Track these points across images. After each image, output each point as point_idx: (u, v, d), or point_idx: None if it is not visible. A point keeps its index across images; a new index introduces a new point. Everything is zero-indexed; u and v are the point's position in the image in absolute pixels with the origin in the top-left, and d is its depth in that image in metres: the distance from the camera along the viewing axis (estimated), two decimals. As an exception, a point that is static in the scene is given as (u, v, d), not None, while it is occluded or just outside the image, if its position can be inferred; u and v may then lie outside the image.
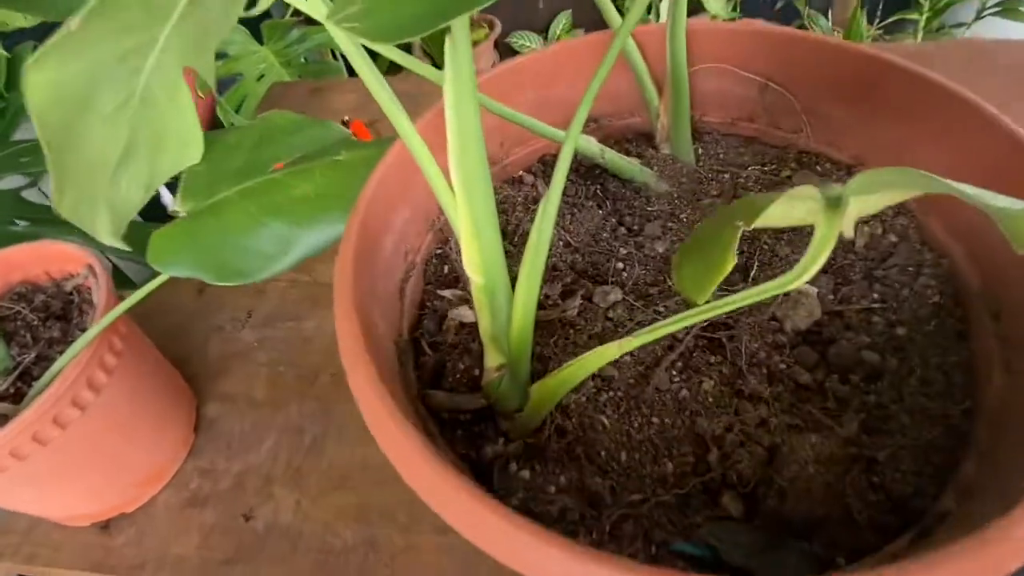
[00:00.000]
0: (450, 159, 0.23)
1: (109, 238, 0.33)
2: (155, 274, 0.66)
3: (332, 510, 0.47)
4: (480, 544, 0.19)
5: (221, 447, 0.52)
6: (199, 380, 0.56)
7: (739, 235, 0.17)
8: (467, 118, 0.22)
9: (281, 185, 0.34)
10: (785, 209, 0.16)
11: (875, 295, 0.29)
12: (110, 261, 0.74)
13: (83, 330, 0.43)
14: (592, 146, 0.34)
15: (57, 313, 0.46)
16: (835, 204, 0.16)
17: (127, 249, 0.34)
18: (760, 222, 0.16)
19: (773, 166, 0.35)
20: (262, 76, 1.20)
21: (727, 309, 0.19)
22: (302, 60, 1.30)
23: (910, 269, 0.30)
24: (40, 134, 0.29)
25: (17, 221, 0.62)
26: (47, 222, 0.62)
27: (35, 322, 0.45)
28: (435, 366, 0.30)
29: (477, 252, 0.26)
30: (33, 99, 0.27)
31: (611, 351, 0.22)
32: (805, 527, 0.23)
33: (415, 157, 0.24)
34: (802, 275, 0.17)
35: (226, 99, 1.18)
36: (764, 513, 0.23)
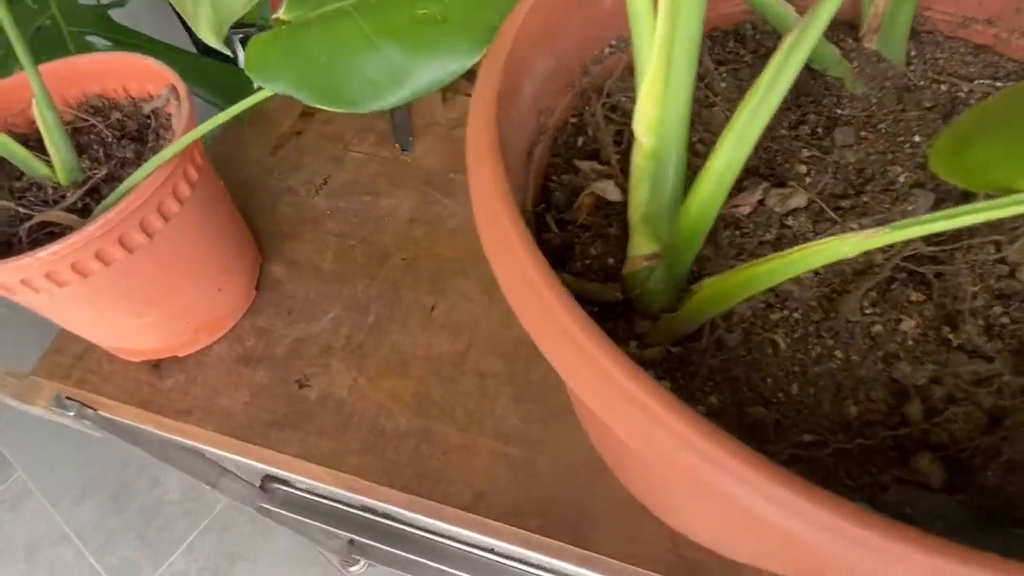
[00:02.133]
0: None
1: (210, 34, 0.29)
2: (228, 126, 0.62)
3: (389, 393, 0.44)
4: (617, 424, 0.15)
5: (282, 310, 0.49)
6: (266, 239, 0.53)
7: None
8: None
9: (402, 2, 0.28)
10: None
11: None
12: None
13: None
14: (790, 16, 0.28)
15: (132, 134, 0.43)
16: None
17: (228, 53, 0.30)
18: None
19: (1010, 83, 0.28)
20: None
21: None
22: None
23: None
24: None
25: (97, 39, 0.58)
26: (131, 46, 0.58)
27: (109, 139, 0.42)
28: (560, 247, 0.25)
29: (660, 104, 0.20)
30: None
31: (846, 246, 0.16)
32: (1031, 517, 0.18)
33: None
34: None
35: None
36: (977, 487, 0.18)
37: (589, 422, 0.28)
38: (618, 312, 0.23)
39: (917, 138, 0.27)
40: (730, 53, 0.31)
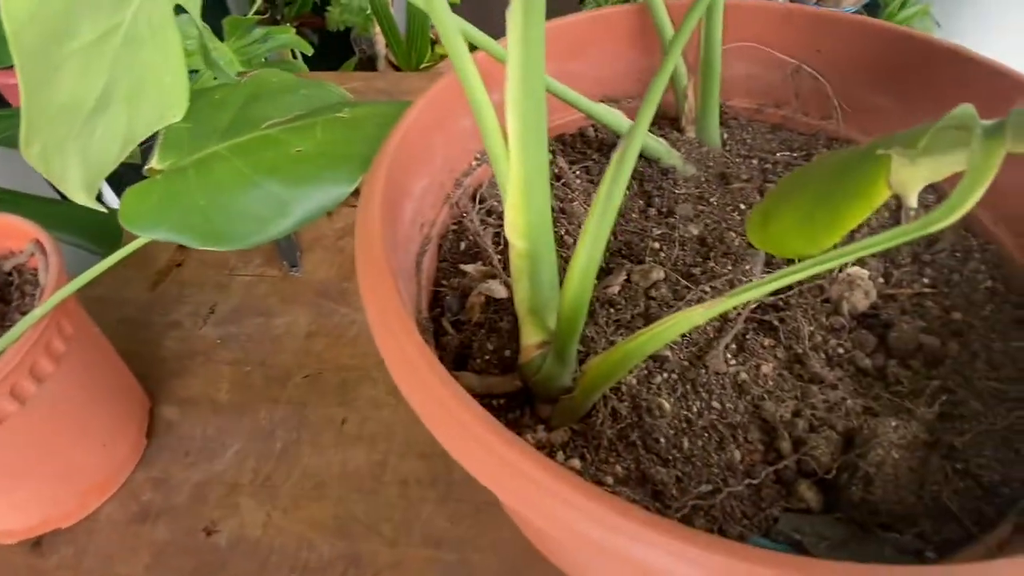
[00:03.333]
0: (508, 100, 0.20)
1: (81, 193, 0.29)
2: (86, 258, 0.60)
3: (308, 522, 0.42)
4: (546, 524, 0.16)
5: (178, 454, 0.46)
6: (153, 381, 0.50)
7: (889, 166, 0.14)
8: (534, 46, 0.19)
9: (277, 142, 0.30)
10: (939, 139, 0.14)
11: (926, 280, 0.28)
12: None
13: (24, 313, 0.38)
14: (622, 122, 0.32)
15: (-8, 294, 0.40)
16: (996, 134, 0.14)
17: (102, 209, 0.30)
18: (920, 155, 0.14)
19: (803, 152, 0.34)
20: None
21: (833, 263, 0.16)
22: (263, 60, 1.24)
23: (957, 254, 0.29)
24: (15, 60, 0.24)
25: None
26: (-21, 200, 0.55)
27: (-35, 304, 0.39)
28: (459, 347, 0.27)
29: (524, 213, 0.23)
30: (9, 11, 0.23)
31: (696, 315, 0.19)
32: (892, 518, 0.20)
33: (469, 94, 0.21)
34: (955, 210, 0.14)
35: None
36: (847, 503, 0.21)
37: (511, 512, 0.28)
38: (522, 400, 0.25)
39: (742, 206, 0.32)
40: (579, 153, 0.36)
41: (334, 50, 1.33)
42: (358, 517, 0.42)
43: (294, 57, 1.43)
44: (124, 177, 0.42)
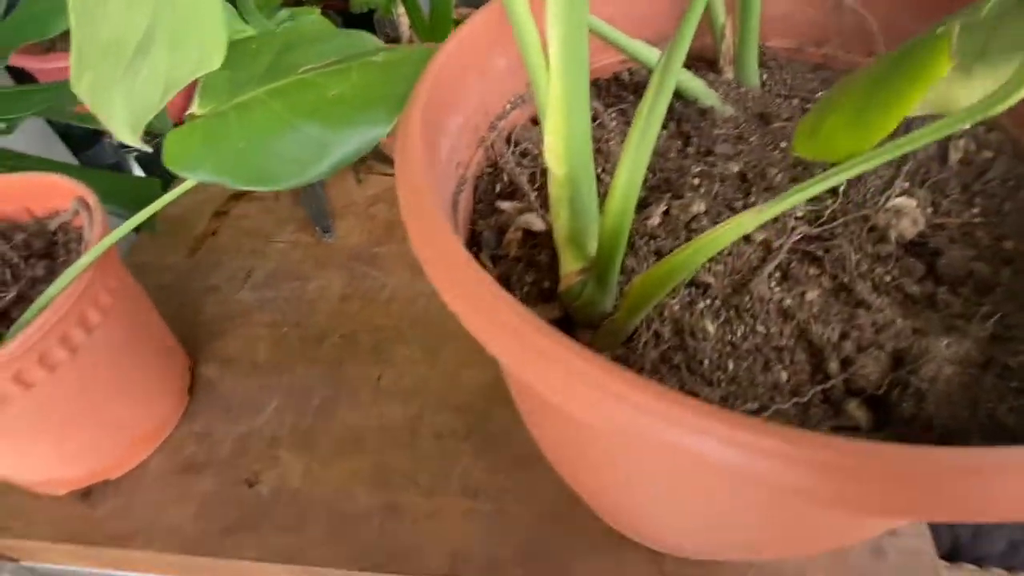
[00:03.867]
0: (549, 14, 0.20)
1: (126, 132, 0.29)
2: (140, 236, 0.61)
3: (346, 474, 0.43)
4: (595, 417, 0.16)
5: (219, 411, 0.47)
6: (194, 342, 0.52)
7: (950, 40, 0.14)
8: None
9: (314, 85, 0.30)
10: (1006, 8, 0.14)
11: (976, 209, 0.27)
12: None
13: (72, 267, 0.39)
14: (658, 56, 0.32)
15: (40, 252, 0.42)
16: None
17: (147, 149, 0.30)
18: (985, 25, 0.14)
19: (845, 90, 0.33)
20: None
21: (905, 149, 0.16)
22: (290, 40, 1.25)
23: (1010, 183, 0.28)
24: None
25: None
26: (26, 169, 0.57)
27: (15, 259, 0.40)
28: (498, 280, 0.27)
29: (564, 136, 0.23)
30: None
31: (748, 220, 0.19)
32: (946, 433, 0.20)
33: (510, 9, 0.21)
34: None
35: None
36: (898, 420, 0.21)
37: (548, 439, 0.29)
38: (563, 328, 0.25)
39: (783, 144, 0.31)
40: (615, 96, 0.35)
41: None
42: (395, 469, 0.43)
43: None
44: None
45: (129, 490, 0.44)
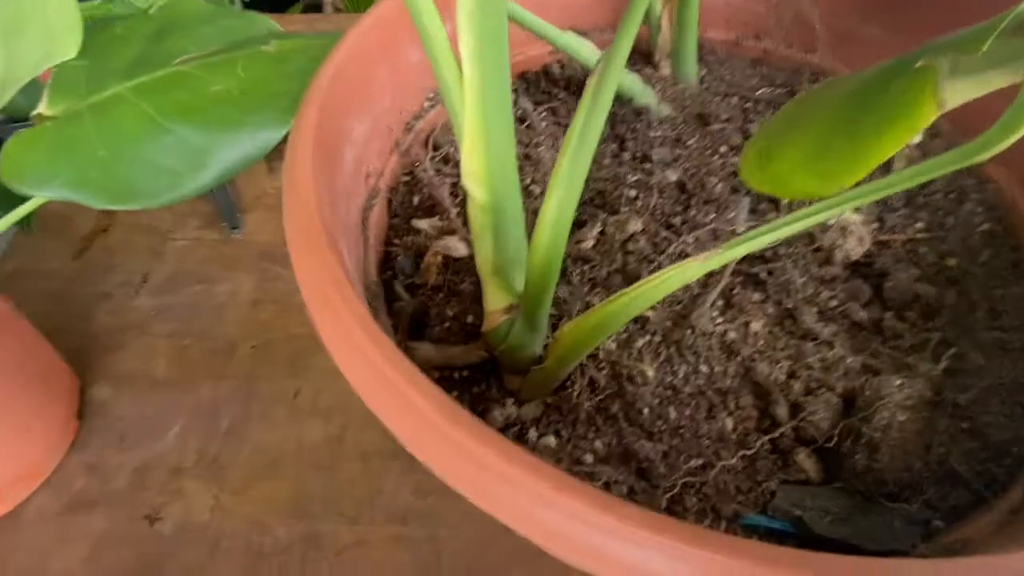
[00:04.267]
0: (461, 17, 0.17)
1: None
2: (16, 238, 0.54)
3: (260, 503, 0.39)
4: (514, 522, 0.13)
5: (113, 437, 0.42)
6: (83, 359, 0.46)
7: (935, 79, 0.12)
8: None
9: (191, 79, 0.26)
10: (1000, 45, 0.12)
11: (920, 224, 0.26)
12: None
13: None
14: (592, 54, 0.29)
15: None
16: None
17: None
18: (977, 65, 0.11)
19: (786, 88, 0.31)
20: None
21: (880, 195, 0.14)
22: None
23: (952, 195, 0.27)
24: None
25: None
26: None
27: None
28: (415, 314, 0.24)
29: (483, 156, 0.19)
30: None
31: (691, 270, 0.16)
32: (899, 485, 0.19)
33: (414, 13, 0.17)
34: (1014, 131, 0.12)
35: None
36: (849, 472, 0.19)
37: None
38: (488, 371, 0.22)
39: (723, 148, 0.29)
40: (544, 93, 0.32)
41: (275, -6, 1.23)
42: (316, 495, 0.39)
43: (232, 3, 1.33)
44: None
45: (9, 533, 0.38)
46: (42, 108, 0.26)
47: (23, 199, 0.28)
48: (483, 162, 0.20)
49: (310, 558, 0.37)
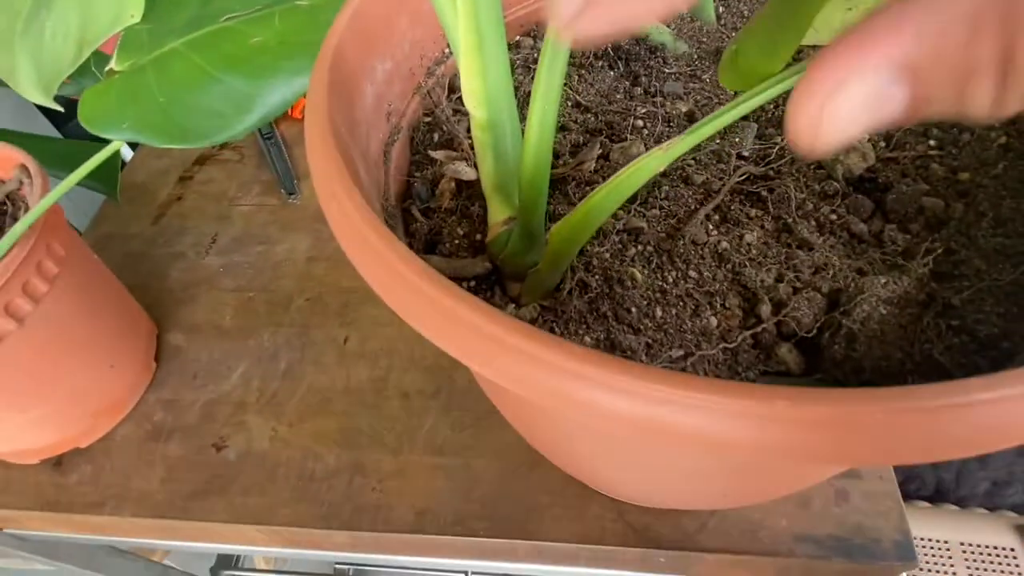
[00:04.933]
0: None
1: (35, 92, 0.28)
2: (104, 207, 0.60)
3: (313, 435, 0.43)
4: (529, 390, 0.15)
5: (186, 377, 0.47)
6: (160, 309, 0.51)
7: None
8: None
9: (235, 34, 0.29)
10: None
11: (932, 141, 0.26)
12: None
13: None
14: None
15: (-14, 224, 0.41)
16: None
17: (59, 109, 0.29)
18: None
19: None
20: None
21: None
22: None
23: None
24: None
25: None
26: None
27: (-40, 232, 0.39)
28: (429, 233, 0.26)
29: (480, 76, 0.21)
30: None
31: (655, 160, 0.18)
32: (879, 375, 0.19)
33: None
34: None
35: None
36: (829, 362, 0.20)
37: (500, 400, 0.28)
38: (492, 281, 0.24)
39: (735, 79, 0.29)
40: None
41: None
42: (362, 429, 0.43)
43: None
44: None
45: (99, 457, 0.44)
46: (113, 64, 0.30)
47: (85, 159, 0.32)
48: (480, 81, 0.21)
49: (356, 483, 0.41)
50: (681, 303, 0.21)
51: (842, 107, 0.11)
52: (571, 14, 0.12)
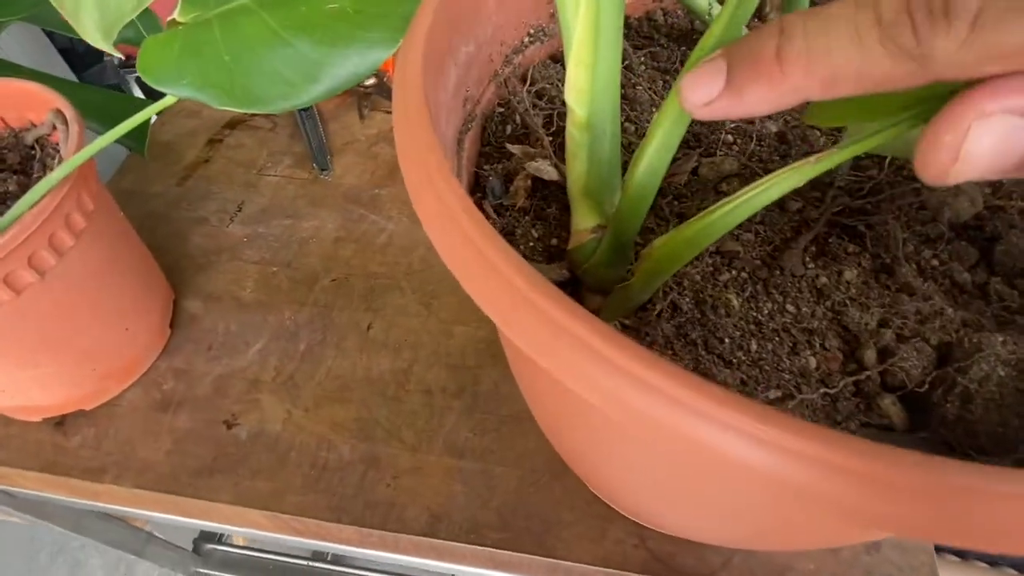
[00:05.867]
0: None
1: (97, 36, 0.26)
2: (128, 161, 0.58)
3: (329, 422, 0.41)
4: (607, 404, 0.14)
5: (201, 347, 0.45)
6: (179, 274, 0.49)
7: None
8: None
9: (313, -3, 0.27)
10: None
11: (1040, 192, 0.24)
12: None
13: (46, 184, 0.36)
14: (701, 1, 0.28)
15: (15, 167, 0.39)
16: None
17: (119, 56, 0.27)
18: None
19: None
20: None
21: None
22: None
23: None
24: None
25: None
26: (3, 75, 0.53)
27: (-15, 172, 0.38)
28: (502, 233, 0.24)
29: (589, 70, 0.20)
30: None
31: (802, 172, 0.16)
32: (990, 440, 0.18)
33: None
34: None
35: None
36: (938, 421, 0.18)
37: (540, 405, 0.27)
38: (569, 291, 0.23)
39: (830, 104, 0.28)
40: (645, 38, 0.32)
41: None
42: (380, 421, 0.41)
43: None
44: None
45: (103, 422, 0.42)
46: (176, 15, 0.28)
47: (118, 109, 0.30)
48: (588, 77, 0.20)
49: (369, 477, 0.39)
50: (778, 338, 0.20)
51: (982, 139, 0.12)
52: (699, 103, 0.15)
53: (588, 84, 0.20)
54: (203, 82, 0.26)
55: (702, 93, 0.15)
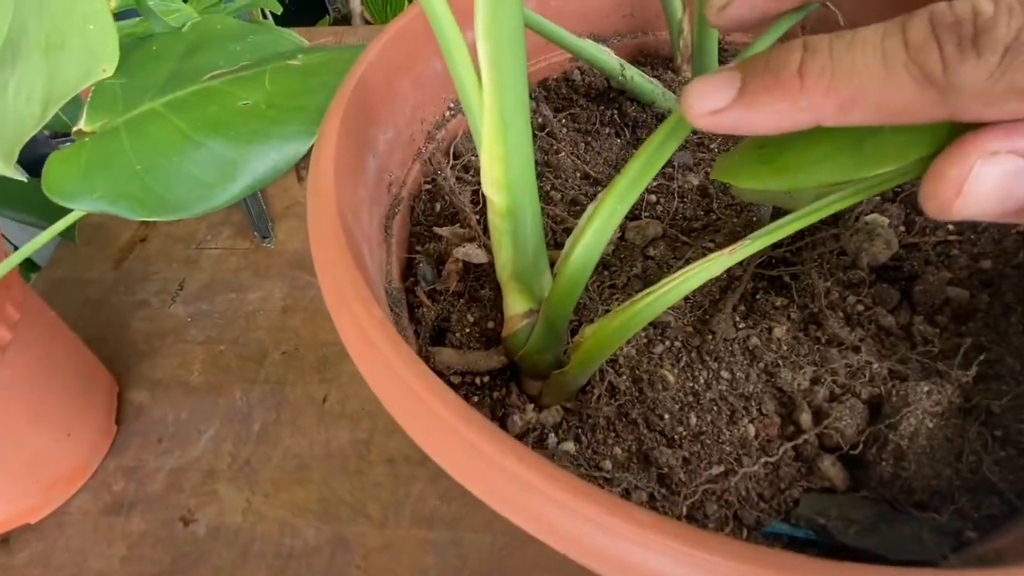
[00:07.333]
0: (478, 25, 0.17)
1: (-6, 161, 0.25)
2: (59, 248, 0.56)
3: (291, 506, 0.40)
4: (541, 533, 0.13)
5: (150, 441, 0.44)
6: (121, 363, 0.48)
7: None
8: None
9: (221, 95, 0.26)
10: None
11: (951, 226, 0.25)
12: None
13: (-37, 298, 0.34)
14: (611, 61, 0.29)
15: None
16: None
17: (22, 179, 0.26)
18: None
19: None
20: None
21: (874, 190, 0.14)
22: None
23: (985, 196, 0.26)
24: None
25: None
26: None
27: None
28: (436, 320, 0.24)
29: (502, 162, 0.20)
30: None
31: (718, 264, 0.16)
32: (928, 494, 0.18)
33: (433, 21, 0.17)
34: None
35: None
36: (876, 480, 0.19)
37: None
38: (508, 377, 0.22)
39: (747, 152, 0.29)
40: (564, 100, 0.32)
41: (307, 9, 1.26)
42: (344, 499, 0.40)
43: (264, 17, 1.36)
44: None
45: (52, 534, 0.40)
46: (81, 124, 0.27)
47: (64, 211, 0.29)
48: (502, 168, 0.20)
49: (338, 560, 0.38)
50: (716, 408, 0.20)
51: (987, 177, 0.12)
52: (705, 111, 0.15)
53: (503, 175, 0.20)
54: (115, 194, 0.25)
55: (711, 101, 0.14)
